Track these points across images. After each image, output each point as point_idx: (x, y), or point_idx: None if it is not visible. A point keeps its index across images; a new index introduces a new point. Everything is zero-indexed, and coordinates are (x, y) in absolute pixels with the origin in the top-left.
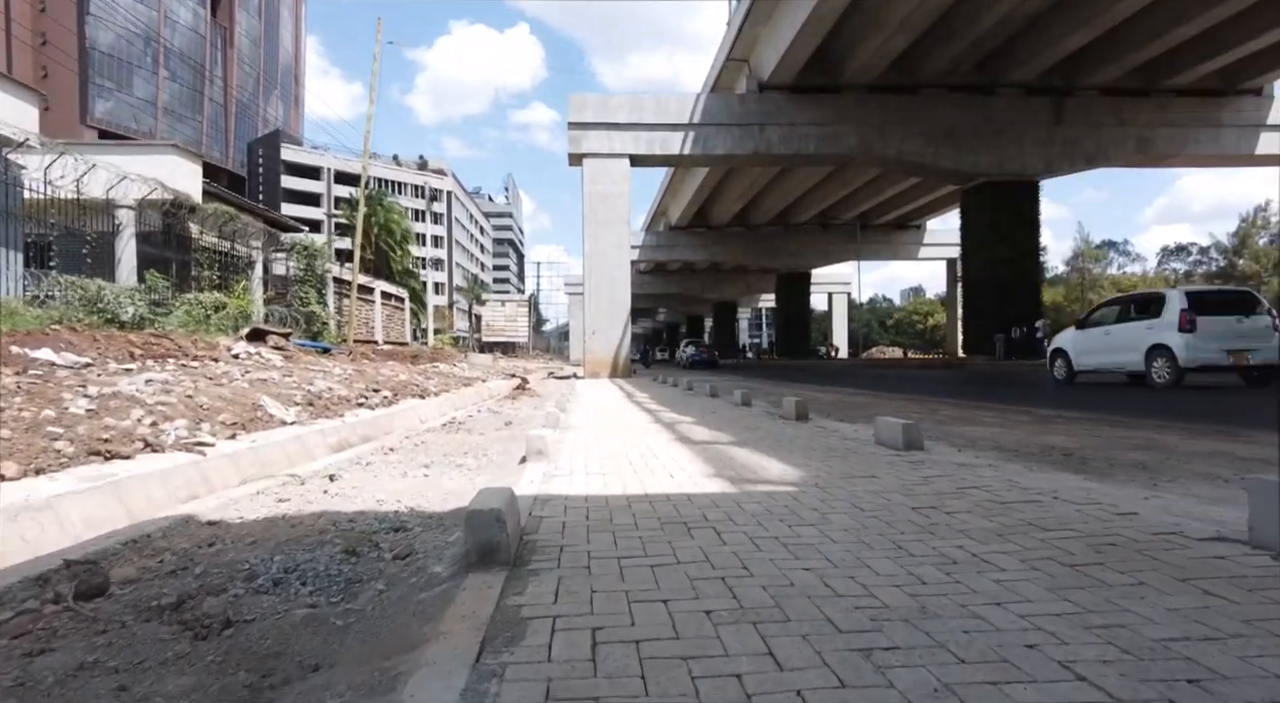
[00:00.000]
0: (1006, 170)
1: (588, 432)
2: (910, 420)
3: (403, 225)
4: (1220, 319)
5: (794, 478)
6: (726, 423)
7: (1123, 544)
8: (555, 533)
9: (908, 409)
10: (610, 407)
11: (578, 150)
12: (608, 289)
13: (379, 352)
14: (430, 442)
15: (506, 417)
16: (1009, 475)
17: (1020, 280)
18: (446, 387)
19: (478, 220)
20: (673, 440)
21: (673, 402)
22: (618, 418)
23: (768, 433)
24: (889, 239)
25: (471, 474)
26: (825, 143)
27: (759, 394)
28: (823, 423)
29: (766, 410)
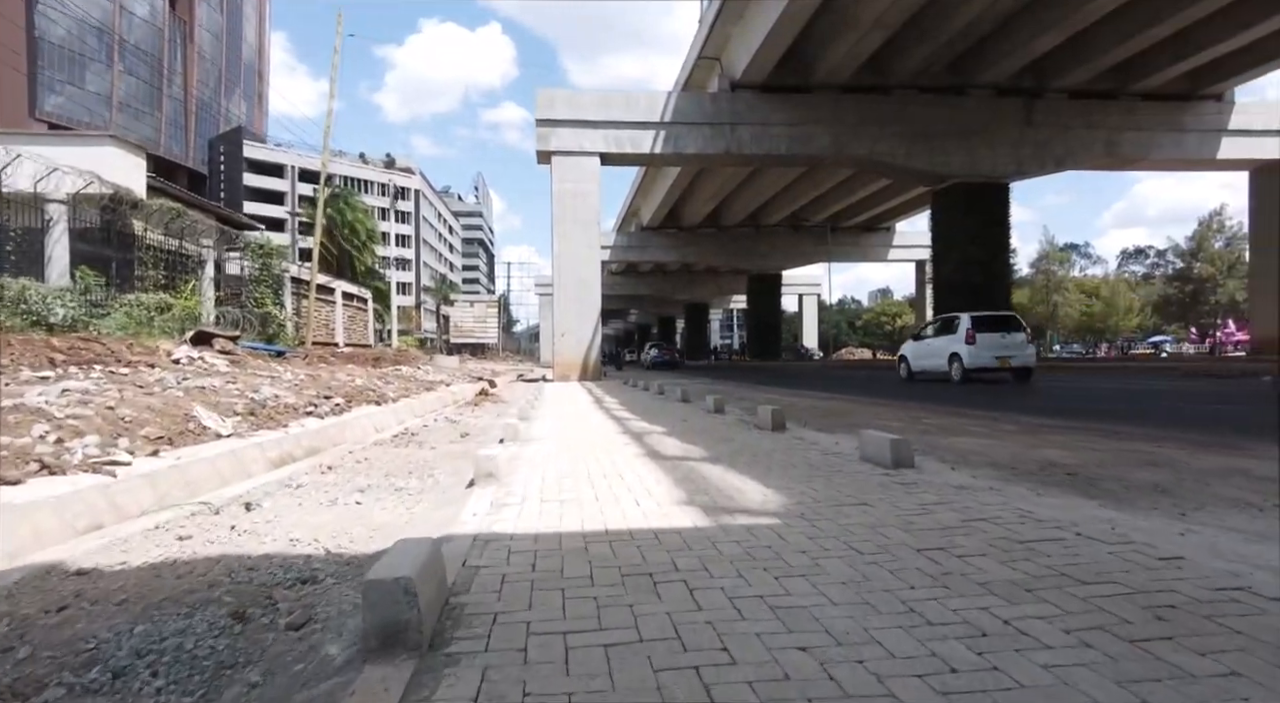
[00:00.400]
0: (978, 172)
1: (550, 445)
2: (898, 436)
3: (368, 224)
4: (992, 335)
5: (776, 506)
6: (699, 434)
7: (1184, 606)
8: (491, 592)
9: (886, 417)
10: (577, 414)
11: (546, 147)
12: (577, 290)
13: (339, 354)
14: (375, 458)
15: (465, 426)
16: (1017, 502)
17: (991, 281)
18: (407, 392)
19: (446, 220)
20: (641, 456)
21: (643, 408)
22: (584, 428)
23: (743, 446)
24: (859, 241)
25: (410, 502)
26: (797, 143)
27: (732, 399)
28: (800, 433)
29: (740, 419)
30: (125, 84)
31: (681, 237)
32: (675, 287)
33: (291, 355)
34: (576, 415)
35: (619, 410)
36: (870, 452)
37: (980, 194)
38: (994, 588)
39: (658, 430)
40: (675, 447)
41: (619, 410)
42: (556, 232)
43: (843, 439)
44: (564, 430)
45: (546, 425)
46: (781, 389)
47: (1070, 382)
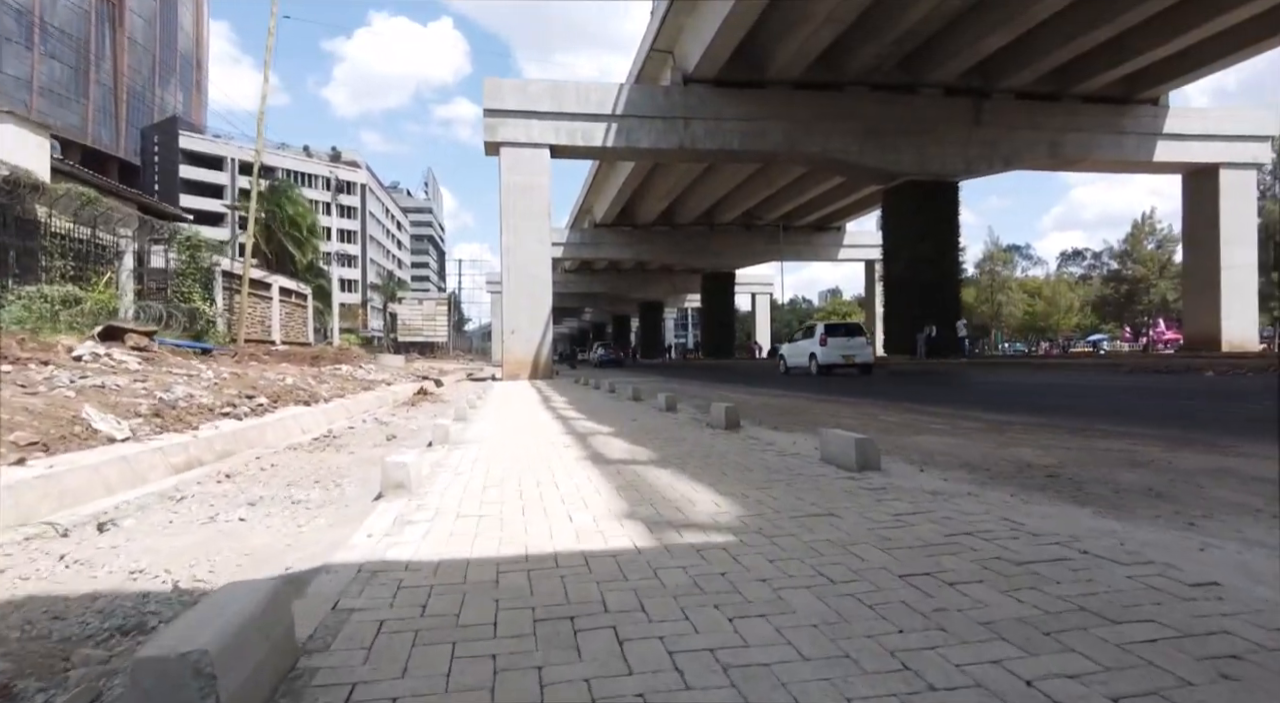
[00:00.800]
0: (928, 170)
1: (482, 448)
2: (864, 435)
3: (309, 218)
4: (839, 339)
5: (731, 519)
6: (648, 433)
7: (1250, 656)
8: (359, 649)
9: (842, 414)
10: (521, 414)
11: (494, 138)
12: (527, 286)
13: (274, 352)
14: (284, 464)
15: (395, 429)
16: (1001, 511)
17: (941, 279)
18: (342, 391)
19: (394, 215)
20: (583, 459)
21: (592, 407)
22: (524, 429)
23: (695, 446)
24: (810, 240)
25: (305, 518)
26: (750, 139)
27: (685, 396)
28: (756, 433)
29: (693, 417)
30: (47, 68)
31: (636, 234)
32: (630, 285)
33: (219, 353)
34: (519, 415)
35: (566, 410)
36: (833, 452)
37: (930, 192)
38: (1002, 630)
39: (604, 431)
40: (622, 449)
41: (566, 410)
42: (505, 225)
43: (801, 439)
44: (502, 432)
45: (484, 427)
46: (735, 387)
47: (1026, 378)
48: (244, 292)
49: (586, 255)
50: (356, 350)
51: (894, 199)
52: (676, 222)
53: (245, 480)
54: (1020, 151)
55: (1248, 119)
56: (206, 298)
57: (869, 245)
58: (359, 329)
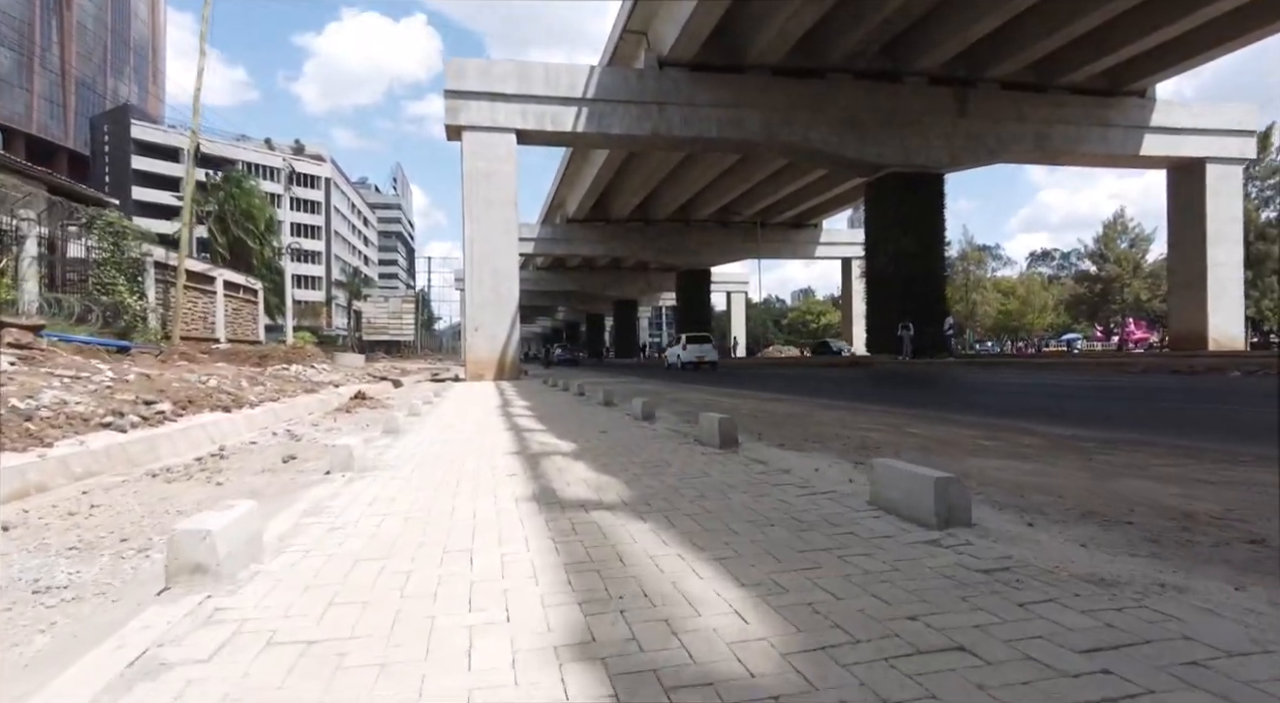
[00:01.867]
0: (912, 162)
1: (394, 481)
2: (945, 473)
3: (266, 212)
4: (695, 346)
5: (767, 653)
6: (621, 454)
7: None
8: None
9: (859, 424)
10: (470, 423)
11: (456, 122)
12: (491, 280)
13: (214, 351)
14: (113, 503)
15: (305, 444)
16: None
17: (926, 275)
18: (278, 394)
19: (361, 211)
20: (526, 501)
21: (555, 415)
22: (467, 447)
23: (684, 477)
24: (787, 238)
25: (26, 628)
26: (728, 127)
27: (663, 401)
28: (759, 452)
29: (675, 429)
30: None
31: (609, 230)
32: (604, 283)
33: (142, 351)
34: (466, 426)
35: (524, 418)
36: (894, 497)
37: (914, 185)
38: None
39: (565, 450)
40: (583, 482)
41: (524, 418)
42: (467, 215)
43: (824, 465)
44: (433, 452)
45: (415, 443)
46: (716, 388)
47: (1030, 379)
48: (179, 284)
49: (559, 252)
50: (311, 349)
51: (877, 192)
52: (651, 217)
53: (24, 535)
54: (1006, 143)
55: (1233, 113)
56: (135, 291)
57: (846, 243)
58: (323, 327)
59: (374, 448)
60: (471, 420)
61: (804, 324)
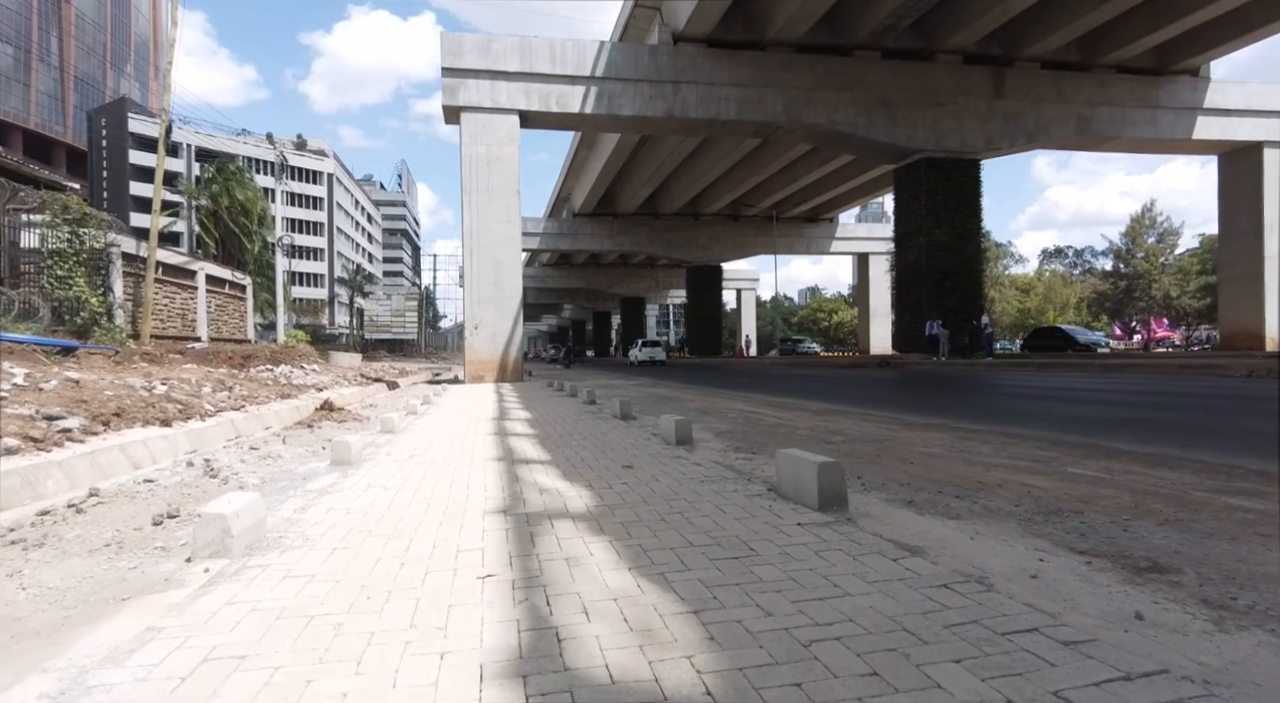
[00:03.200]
0: (945, 146)
1: (287, 581)
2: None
3: (260, 204)
4: (648, 348)
5: None
6: (664, 516)
7: None
8: None
9: (979, 456)
10: (449, 451)
11: (454, 102)
12: (492, 273)
13: (190, 352)
14: None
15: (211, 486)
16: None
17: (961, 268)
18: (246, 402)
19: (365, 208)
20: (502, 665)
21: (562, 436)
22: (431, 494)
23: (792, 588)
24: (802, 232)
25: None
26: (748, 107)
27: (687, 410)
28: (887, 519)
29: (727, 463)
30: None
31: (617, 224)
32: (610, 280)
33: (93, 352)
34: (446, 454)
35: (524, 441)
36: None
37: (947, 171)
38: None
39: (576, 508)
40: (614, 595)
41: (524, 441)
42: (466, 203)
43: (1022, 555)
44: (383, 507)
45: (364, 486)
46: (745, 395)
47: (1105, 383)
48: (149, 277)
49: (565, 247)
50: (304, 348)
51: (907, 179)
52: (660, 211)
53: None
54: (1046, 126)
55: None
56: (100, 285)
57: (864, 238)
58: (325, 326)
59: (293, 501)
60: (454, 445)
61: (815, 323)
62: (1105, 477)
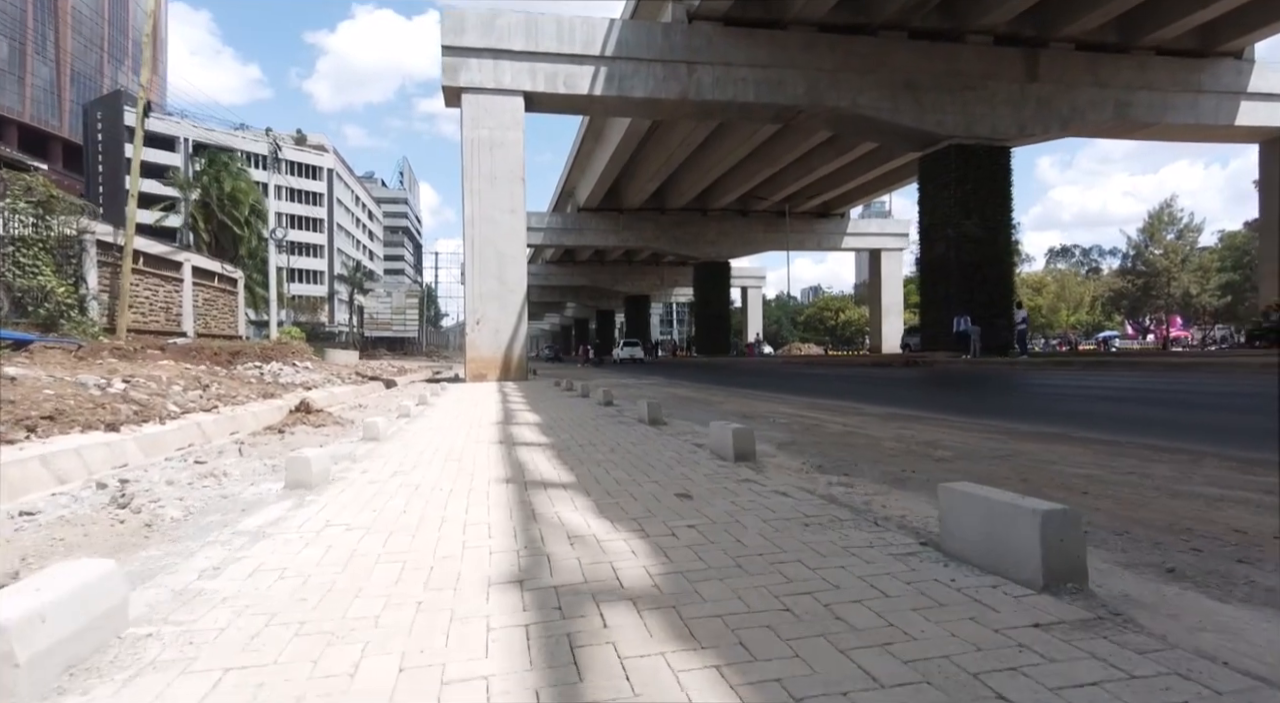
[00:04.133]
0: (975, 132)
1: (195, 674)
2: None
3: (253, 196)
4: (629, 346)
5: None
6: (763, 574)
7: None
8: None
9: (1116, 474)
10: (441, 469)
11: (454, 83)
12: (495, 266)
13: (172, 348)
14: None
15: (100, 520)
16: None
17: (991, 262)
18: (222, 402)
19: (366, 205)
20: None
21: (582, 442)
22: (410, 545)
23: None
24: (813, 228)
25: None
26: (767, 90)
27: (721, 411)
28: (1150, 597)
29: (814, 490)
30: None
31: (622, 219)
32: (615, 277)
33: (54, 346)
34: (438, 475)
35: (536, 453)
36: None
37: (977, 158)
38: None
39: (632, 571)
40: None
41: (536, 453)
42: (467, 191)
43: None
44: (344, 557)
45: (329, 517)
46: (777, 394)
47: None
48: (125, 267)
49: (569, 242)
50: (298, 345)
51: (934, 167)
52: (667, 206)
53: None
54: (1081, 112)
55: None
56: (66, 274)
57: (876, 233)
58: (325, 323)
59: (208, 552)
60: (449, 458)
61: (821, 321)
62: None
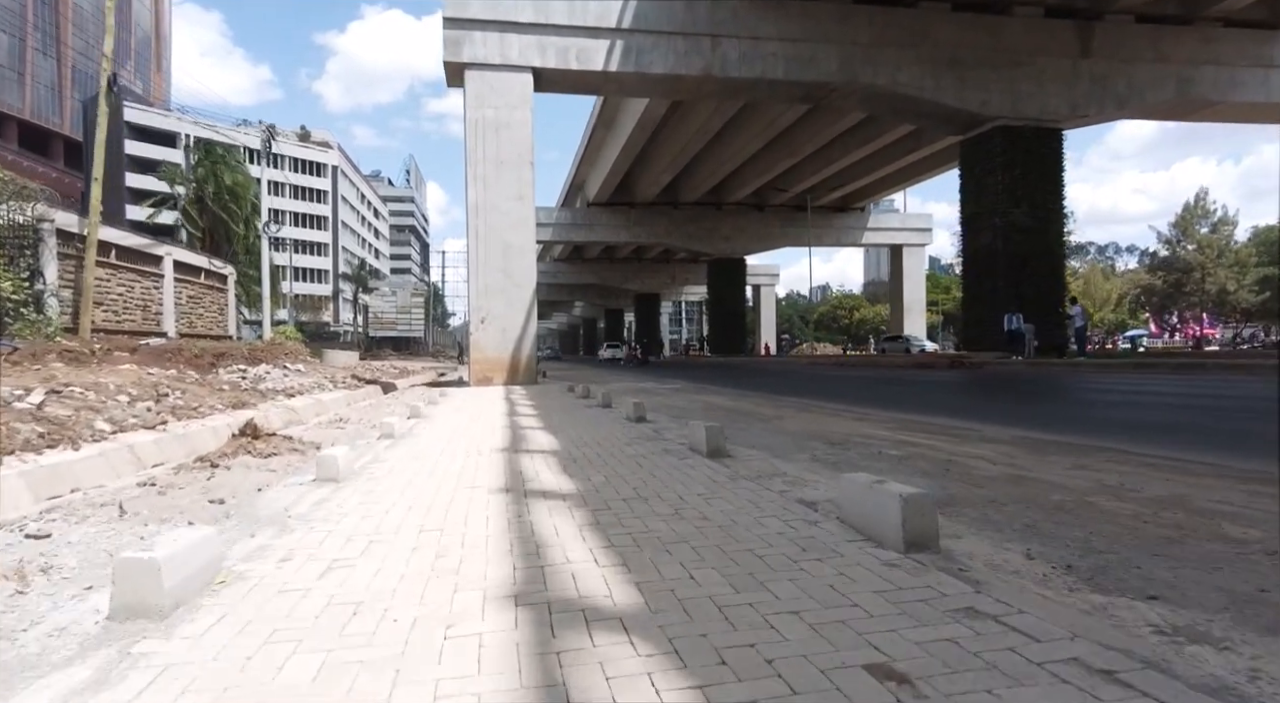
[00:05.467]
0: (1023, 113)
1: None
2: None
3: (251, 189)
4: (613, 347)
5: None
6: None
7: None
8: None
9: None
10: (422, 543)
11: (457, 58)
12: (501, 259)
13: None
14: None
15: None
16: None
17: (1042, 253)
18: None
19: (372, 203)
20: None
21: (629, 494)
22: None
23: None
24: (831, 223)
25: None
26: (797, 66)
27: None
28: None
29: (1126, 644)
30: None
31: (633, 214)
32: (624, 275)
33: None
34: (410, 560)
35: (553, 509)
36: None
37: (1025, 141)
38: None
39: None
40: None
41: (553, 509)
42: (471, 176)
43: None
44: None
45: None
46: (835, 404)
47: (1263, 388)
48: (89, 259)
49: (578, 238)
50: (292, 346)
51: (977, 151)
52: (680, 200)
53: None
54: (1140, 90)
55: None
56: (24, 268)
57: (897, 228)
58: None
59: None
60: (425, 523)
61: (835, 320)
62: None
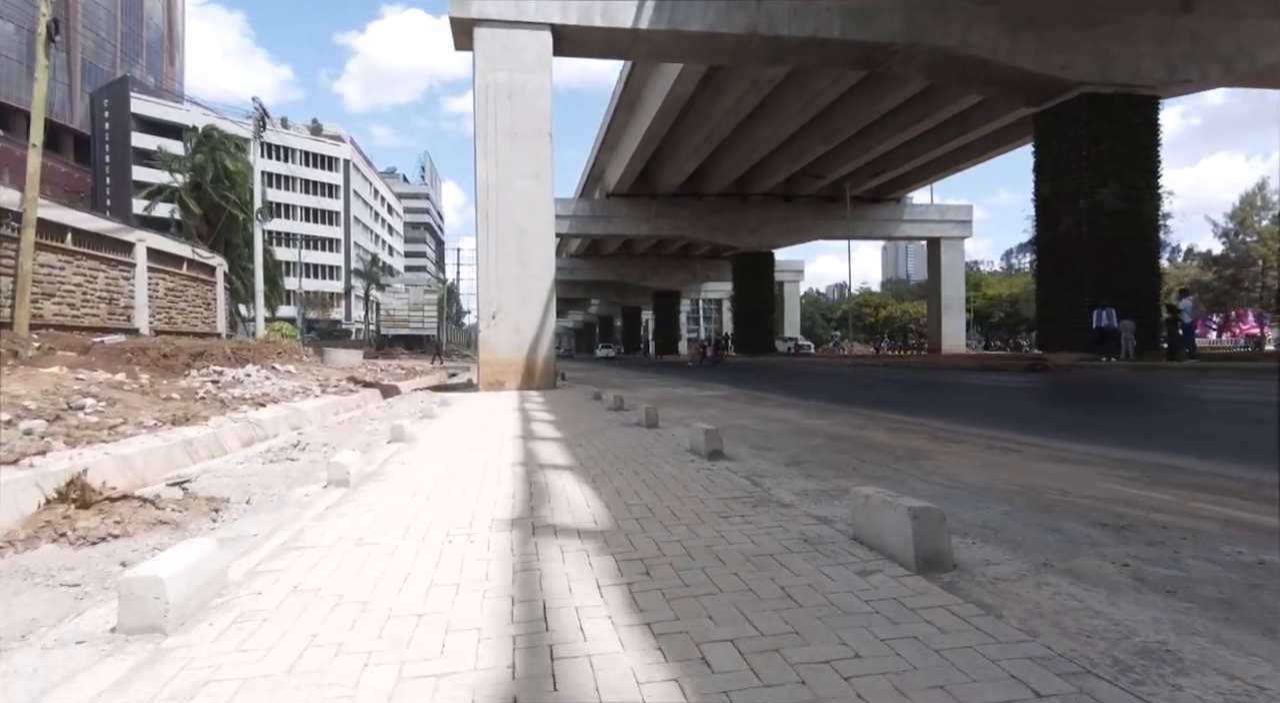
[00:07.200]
0: (1112, 78)
1: None
2: None
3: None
4: (608, 346)
5: None
6: None
7: None
8: None
9: None
10: None
11: (465, 13)
12: (515, 245)
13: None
14: None
15: None
16: None
17: (1134, 239)
18: (49, 443)
19: (386, 199)
20: None
21: (734, 600)
22: None
23: None
24: (865, 214)
25: None
26: (854, 23)
27: (903, 471)
28: None
29: None
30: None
31: (655, 205)
32: (643, 272)
33: None
34: None
35: None
36: None
37: (1114, 111)
38: None
39: None
40: None
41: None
42: (481, 151)
43: None
44: None
45: None
46: (922, 419)
47: None
48: (26, 241)
49: (597, 231)
50: (286, 344)
51: (1057, 123)
52: (704, 191)
53: None
54: (1250, 51)
55: None
56: None
57: (935, 220)
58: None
59: None
60: None
61: (860, 318)
62: None
